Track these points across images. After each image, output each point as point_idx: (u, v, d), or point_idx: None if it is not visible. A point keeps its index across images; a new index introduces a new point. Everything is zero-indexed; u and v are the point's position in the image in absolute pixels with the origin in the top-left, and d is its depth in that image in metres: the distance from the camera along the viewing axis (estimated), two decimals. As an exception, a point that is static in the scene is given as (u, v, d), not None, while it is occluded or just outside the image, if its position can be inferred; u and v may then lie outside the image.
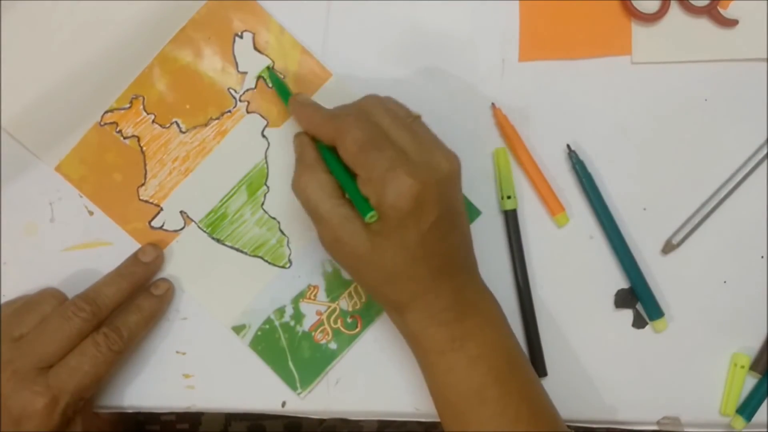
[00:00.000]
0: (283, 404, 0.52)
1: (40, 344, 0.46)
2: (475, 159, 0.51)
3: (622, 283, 0.51)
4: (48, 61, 0.52)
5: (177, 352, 0.52)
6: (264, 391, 0.52)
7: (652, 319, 0.50)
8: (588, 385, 0.51)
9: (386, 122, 0.43)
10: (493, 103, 0.51)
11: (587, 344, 0.51)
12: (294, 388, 0.52)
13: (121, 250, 0.52)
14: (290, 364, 0.52)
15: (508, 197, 0.50)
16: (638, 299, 0.50)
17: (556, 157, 0.51)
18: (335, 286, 0.52)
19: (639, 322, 0.51)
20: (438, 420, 0.51)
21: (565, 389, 0.50)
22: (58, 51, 0.52)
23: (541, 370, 0.50)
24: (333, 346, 0.52)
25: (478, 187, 0.51)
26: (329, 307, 0.52)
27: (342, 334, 0.52)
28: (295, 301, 0.52)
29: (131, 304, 0.49)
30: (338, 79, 0.52)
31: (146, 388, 0.52)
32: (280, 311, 0.52)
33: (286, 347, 0.52)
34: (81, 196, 0.52)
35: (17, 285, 0.52)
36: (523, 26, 0.51)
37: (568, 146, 0.51)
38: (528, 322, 0.51)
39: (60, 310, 0.47)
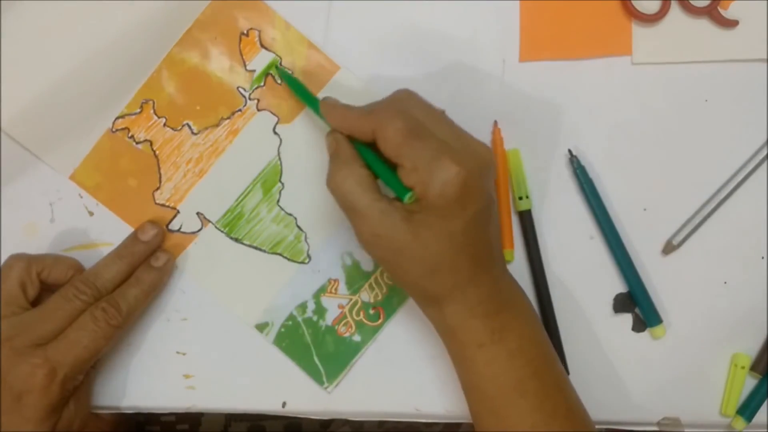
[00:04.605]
0: (284, 405, 0.52)
1: (40, 322, 0.46)
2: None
3: (623, 286, 0.51)
4: (55, 69, 0.51)
5: (177, 352, 0.52)
6: (264, 392, 0.52)
7: (649, 325, 0.50)
8: (588, 385, 0.50)
9: (421, 114, 0.42)
10: (495, 121, 0.51)
11: (587, 345, 0.51)
12: (321, 382, 0.52)
13: (122, 251, 0.52)
14: (315, 359, 0.52)
15: (526, 197, 0.50)
16: (636, 304, 0.50)
17: (556, 157, 0.51)
18: (355, 278, 0.52)
19: (638, 326, 0.51)
20: (435, 421, 0.51)
21: (565, 390, 0.51)
22: (64, 59, 0.51)
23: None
24: (357, 338, 0.52)
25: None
26: (351, 299, 0.52)
27: (365, 326, 0.52)
28: (317, 295, 0.52)
29: (131, 277, 0.49)
30: (346, 72, 0.52)
31: (147, 389, 0.52)
32: (302, 307, 0.52)
33: (311, 342, 0.52)
34: (81, 197, 0.52)
35: (17, 285, 0.52)
36: (523, 26, 0.51)
37: (570, 151, 0.51)
38: (549, 323, 0.50)
39: (61, 292, 0.47)
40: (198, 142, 0.52)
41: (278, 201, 0.52)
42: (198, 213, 0.52)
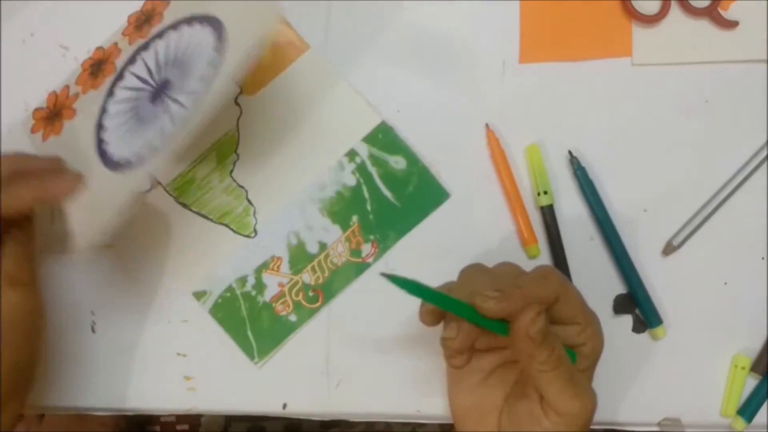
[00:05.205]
0: (284, 406, 0.52)
1: None
2: (473, 161, 0.51)
3: (623, 287, 0.51)
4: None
5: (178, 354, 0.52)
6: (264, 393, 0.52)
7: (650, 326, 0.50)
8: (589, 386, 0.51)
9: None
10: (486, 124, 0.51)
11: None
12: (251, 357, 0.52)
13: (122, 252, 0.52)
14: (249, 333, 0.52)
15: (544, 193, 0.50)
16: (637, 305, 0.50)
17: (556, 158, 0.51)
18: (299, 259, 0.52)
19: (638, 327, 0.51)
20: (435, 422, 0.51)
21: (565, 391, 0.51)
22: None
23: None
24: (293, 318, 0.52)
25: (480, 188, 0.52)
26: (291, 279, 0.52)
27: (302, 307, 0.52)
28: (258, 271, 0.52)
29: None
30: (316, 53, 0.52)
31: (147, 390, 0.52)
32: (242, 280, 0.52)
33: (246, 316, 0.52)
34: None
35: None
36: (523, 28, 0.51)
37: (570, 152, 0.51)
38: None
39: None
40: None
41: (231, 172, 0.52)
42: (150, 174, 0.51)
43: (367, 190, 0.52)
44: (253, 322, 0.52)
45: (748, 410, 0.49)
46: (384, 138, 0.52)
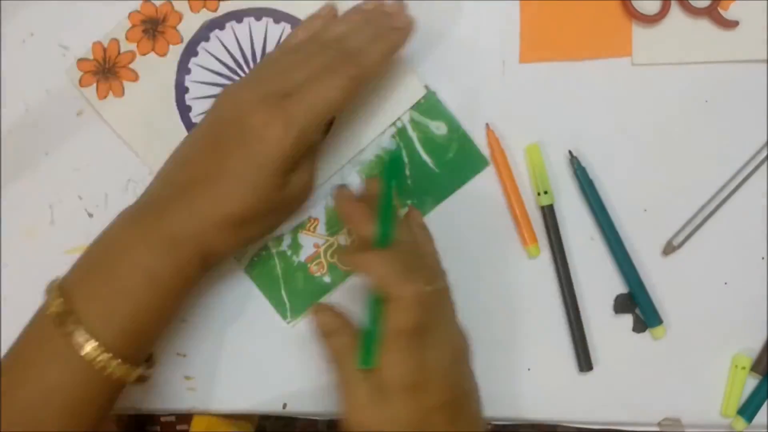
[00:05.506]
0: (284, 406, 0.52)
1: (291, 72, 0.44)
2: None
3: (623, 287, 0.51)
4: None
5: (177, 354, 0.52)
6: (265, 393, 0.52)
7: (650, 326, 0.50)
8: (589, 386, 0.51)
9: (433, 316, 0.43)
10: (487, 124, 0.51)
11: (588, 345, 0.51)
12: (284, 316, 0.52)
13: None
14: (283, 292, 0.52)
15: (545, 192, 0.50)
16: (637, 305, 0.50)
17: (556, 158, 0.51)
18: (335, 221, 0.52)
19: (639, 327, 0.51)
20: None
21: (566, 390, 0.51)
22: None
23: (587, 364, 0.50)
24: (327, 279, 0.52)
25: (480, 187, 0.52)
26: (327, 240, 0.52)
27: (337, 270, 0.52)
28: (295, 231, 0.52)
29: (373, 33, 0.46)
30: None
31: (147, 390, 0.52)
32: (279, 240, 0.52)
33: (281, 275, 0.52)
34: (80, 199, 0.52)
35: (17, 287, 0.52)
36: (523, 27, 0.51)
37: (570, 152, 0.51)
38: (573, 319, 0.50)
39: (308, 47, 0.46)
40: None
41: None
42: None
43: (406, 154, 0.52)
44: (288, 281, 0.52)
45: (748, 410, 0.49)
46: (426, 103, 0.51)
